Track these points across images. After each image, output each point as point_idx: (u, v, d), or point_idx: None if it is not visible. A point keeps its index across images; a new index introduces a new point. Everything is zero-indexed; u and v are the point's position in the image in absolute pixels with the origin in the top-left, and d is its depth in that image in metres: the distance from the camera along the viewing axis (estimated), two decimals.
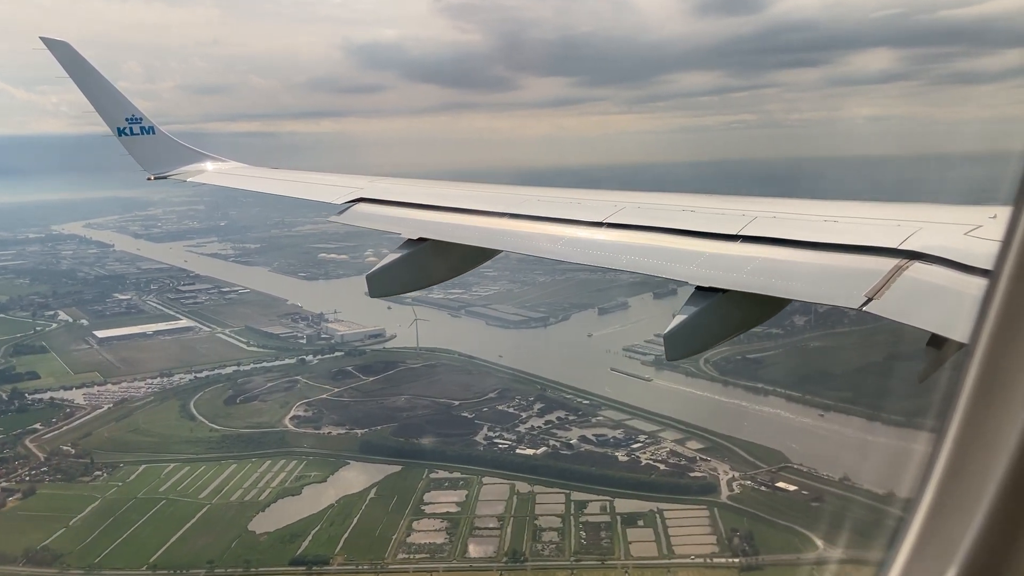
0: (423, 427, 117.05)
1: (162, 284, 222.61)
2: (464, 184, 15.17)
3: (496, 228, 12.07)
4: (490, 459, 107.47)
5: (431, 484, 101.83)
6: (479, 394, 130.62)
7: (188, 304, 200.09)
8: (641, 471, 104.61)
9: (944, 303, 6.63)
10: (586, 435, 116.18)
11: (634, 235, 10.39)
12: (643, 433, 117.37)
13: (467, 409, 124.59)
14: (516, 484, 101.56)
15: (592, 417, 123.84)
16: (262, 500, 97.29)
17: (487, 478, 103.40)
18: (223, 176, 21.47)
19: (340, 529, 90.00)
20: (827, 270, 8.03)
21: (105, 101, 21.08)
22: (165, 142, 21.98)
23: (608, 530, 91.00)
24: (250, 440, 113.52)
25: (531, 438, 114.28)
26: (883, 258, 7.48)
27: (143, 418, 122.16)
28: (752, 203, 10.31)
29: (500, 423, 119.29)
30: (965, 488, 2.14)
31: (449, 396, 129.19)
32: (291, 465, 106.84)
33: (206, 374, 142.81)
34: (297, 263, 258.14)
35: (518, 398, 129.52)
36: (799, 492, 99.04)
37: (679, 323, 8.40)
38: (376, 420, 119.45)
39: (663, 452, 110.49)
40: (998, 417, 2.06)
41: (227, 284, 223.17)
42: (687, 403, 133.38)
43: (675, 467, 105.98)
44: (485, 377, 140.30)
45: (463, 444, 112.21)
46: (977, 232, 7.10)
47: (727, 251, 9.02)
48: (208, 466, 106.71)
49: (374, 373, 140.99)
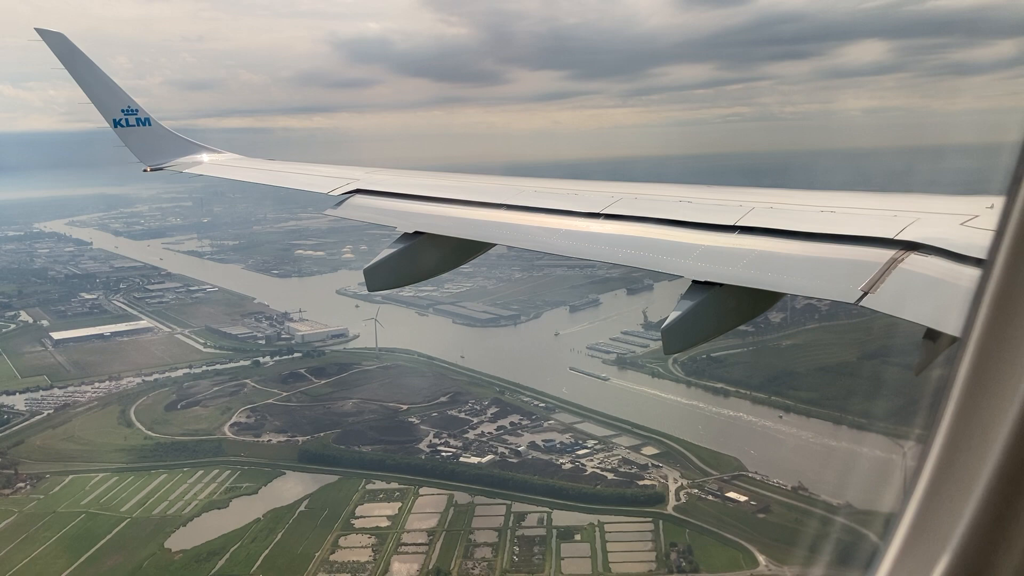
0: (366, 434, 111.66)
1: (132, 283, 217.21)
2: (461, 175, 15.19)
3: (492, 220, 11.86)
4: (431, 468, 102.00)
5: (366, 496, 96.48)
6: (430, 398, 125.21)
7: (153, 304, 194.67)
8: (586, 480, 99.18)
9: (939, 296, 6.50)
10: (536, 441, 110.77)
11: (631, 227, 10.19)
12: (595, 439, 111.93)
13: (416, 414, 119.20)
14: (455, 495, 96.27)
15: (546, 421, 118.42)
16: (185, 514, 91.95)
17: (426, 489, 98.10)
18: (219, 167, 20.98)
19: (261, 546, 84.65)
20: (823, 263, 7.96)
21: (101, 92, 20.79)
22: (161, 133, 21.74)
23: (543, 545, 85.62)
24: (184, 448, 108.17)
25: (479, 445, 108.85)
26: (880, 249, 7.38)
27: (80, 425, 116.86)
28: (749, 194, 10.20)
29: (448, 429, 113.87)
30: (957, 481, 2.13)
31: (399, 400, 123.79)
32: (223, 476, 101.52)
33: (155, 377, 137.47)
34: (273, 260, 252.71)
35: (472, 402, 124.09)
36: (748, 503, 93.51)
37: (676, 317, 8.23)
38: (320, 427, 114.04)
39: (614, 459, 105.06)
40: (991, 409, 2.06)
41: (197, 282, 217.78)
42: (647, 405, 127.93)
43: (624, 476, 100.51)
44: (440, 380, 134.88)
45: (405, 452, 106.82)
46: (973, 222, 7.07)
47: (724, 243, 8.85)
48: (137, 476, 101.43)
49: (327, 376, 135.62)
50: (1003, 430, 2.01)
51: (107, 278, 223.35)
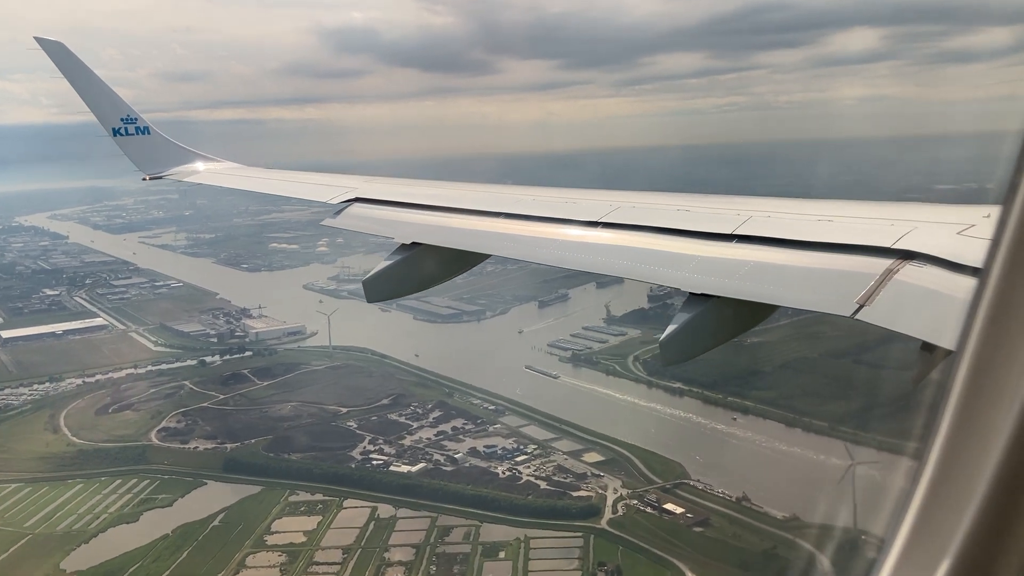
0: (298, 440, 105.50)
1: (98, 278, 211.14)
2: (459, 184, 15.08)
3: (489, 231, 11.85)
4: (358, 478, 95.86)
5: (287, 509, 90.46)
6: (372, 400, 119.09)
7: (114, 300, 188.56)
8: (519, 490, 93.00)
9: (936, 307, 6.50)
10: (476, 447, 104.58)
11: (629, 237, 10.11)
12: (537, 444, 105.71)
13: (355, 418, 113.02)
14: (379, 508, 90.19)
15: (491, 425, 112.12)
16: (91, 529, 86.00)
17: (352, 500, 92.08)
18: (218, 176, 21.06)
19: (162, 566, 78.72)
20: (818, 274, 7.94)
21: (100, 101, 20.62)
22: (160, 142, 21.54)
23: (463, 564, 79.54)
24: (106, 456, 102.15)
25: (413, 452, 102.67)
26: (877, 258, 7.37)
27: (5, 430, 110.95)
28: (747, 202, 10.11)
29: (386, 434, 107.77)
30: (957, 485, 2.13)
31: (341, 403, 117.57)
32: (141, 486, 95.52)
33: (97, 378, 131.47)
34: (245, 253, 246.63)
35: (414, 405, 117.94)
36: (685, 515, 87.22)
37: (673, 330, 8.25)
38: (252, 432, 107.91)
39: (551, 467, 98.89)
40: (990, 413, 2.06)
41: (164, 277, 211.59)
42: (599, 407, 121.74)
43: (559, 485, 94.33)
44: (387, 381, 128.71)
45: (335, 460, 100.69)
46: (970, 231, 7.06)
47: (720, 253, 8.80)
48: (52, 486, 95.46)
49: (271, 376, 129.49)
50: (1002, 434, 2.00)
51: (75, 273, 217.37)
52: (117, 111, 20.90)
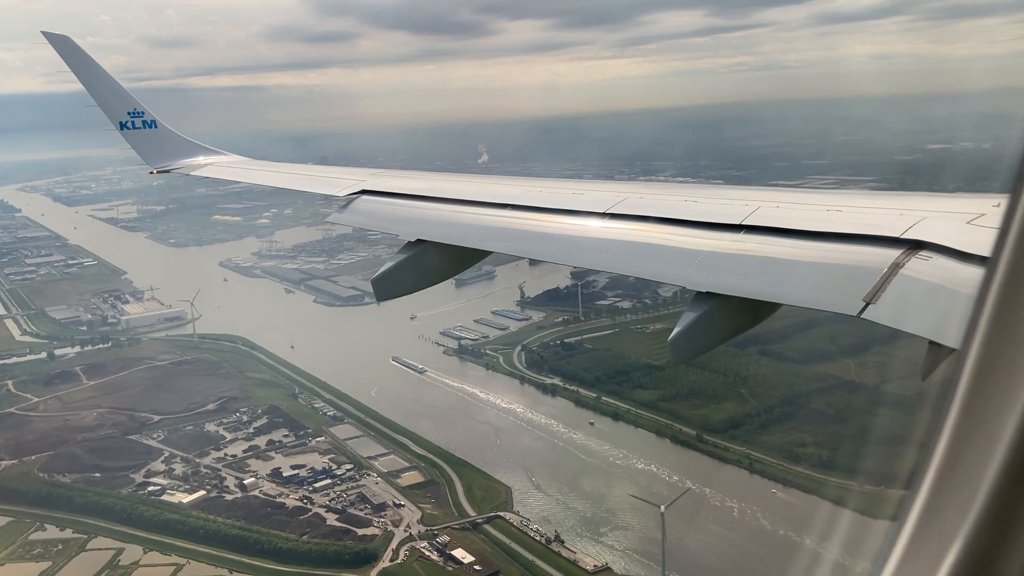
0: (82, 458, 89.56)
1: (14, 257, 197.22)
2: (467, 177, 14.99)
3: (493, 225, 11.07)
4: (119, 510, 79.72)
5: (19, 550, 74.78)
6: (198, 405, 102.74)
7: (17, 281, 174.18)
8: (295, 527, 76.24)
9: (943, 301, 6.14)
10: (281, 467, 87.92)
11: (635, 230, 9.37)
12: (353, 464, 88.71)
13: (164, 428, 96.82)
14: (127, 549, 74.23)
15: (314, 439, 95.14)
16: None
17: (101, 539, 76.25)
18: (225, 169, 19.74)
19: None
20: (825, 268, 7.48)
21: (107, 95, 19.65)
22: (167, 136, 20.52)
23: None
24: None
25: (202, 476, 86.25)
26: (885, 248, 6.92)
27: None
28: (756, 193, 9.64)
29: (188, 450, 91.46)
30: (962, 480, 2.10)
31: (157, 409, 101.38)
32: None
33: None
34: (182, 227, 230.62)
35: (242, 411, 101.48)
36: (471, 567, 69.74)
37: (681, 329, 7.80)
38: (36, 447, 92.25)
39: (353, 495, 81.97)
40: (996, 408, 2.03)
41: (83, 255, 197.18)
42: (450, 412, 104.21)
43: (349, 520, 77.35)
44: (230, 380, 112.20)
45: (109, 484, 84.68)
46: (980, 221, 6.66)
47: (727, 247, 8.24)
48: None
49: (105, 374, 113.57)
50: (1008, 429, 1.97)
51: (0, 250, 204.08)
52: (124, 105, 19.80)
